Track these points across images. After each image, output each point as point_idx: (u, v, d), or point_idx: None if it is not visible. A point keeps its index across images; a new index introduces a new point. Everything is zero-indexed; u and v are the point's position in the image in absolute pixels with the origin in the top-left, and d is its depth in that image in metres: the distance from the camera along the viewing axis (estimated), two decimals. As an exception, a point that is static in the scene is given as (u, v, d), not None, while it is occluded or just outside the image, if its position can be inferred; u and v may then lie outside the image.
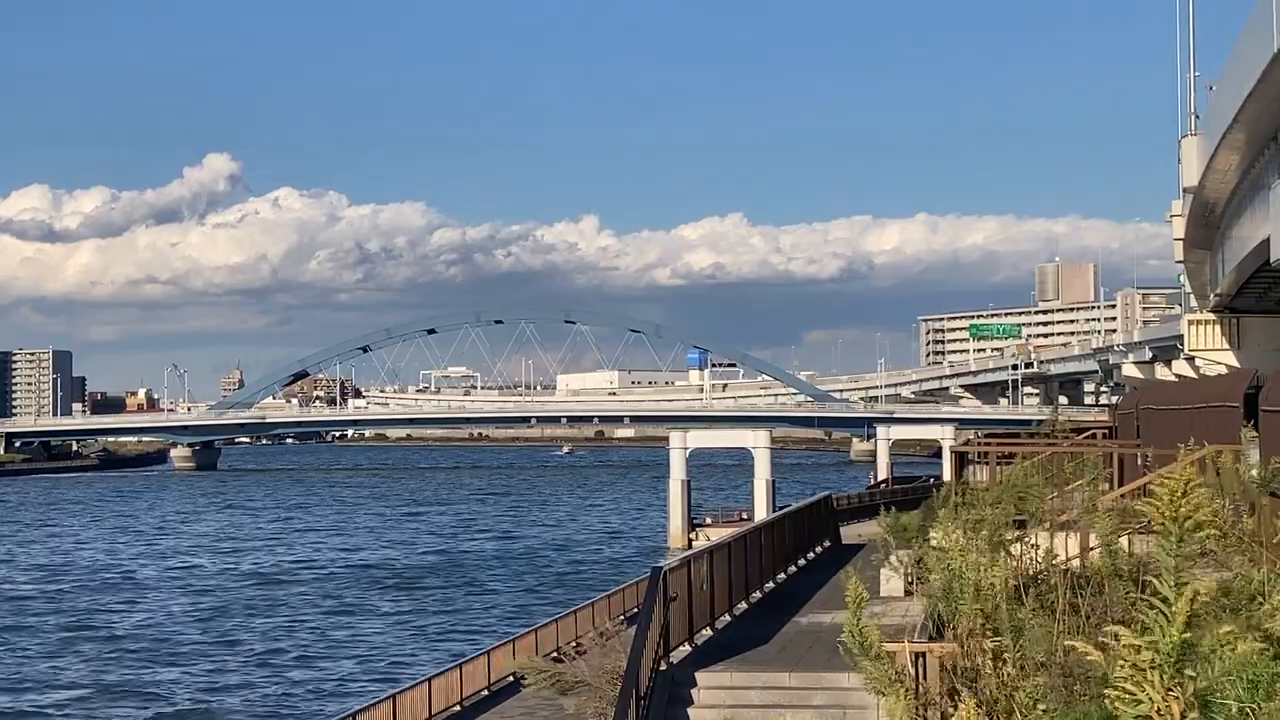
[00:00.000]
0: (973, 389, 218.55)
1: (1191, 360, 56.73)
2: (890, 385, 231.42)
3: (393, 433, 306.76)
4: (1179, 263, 58.06)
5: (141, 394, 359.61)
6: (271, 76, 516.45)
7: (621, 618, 30.55)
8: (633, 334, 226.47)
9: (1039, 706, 12.11)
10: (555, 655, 26.47)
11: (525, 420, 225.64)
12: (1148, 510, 7.01)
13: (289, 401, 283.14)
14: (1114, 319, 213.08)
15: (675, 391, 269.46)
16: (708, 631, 20.17)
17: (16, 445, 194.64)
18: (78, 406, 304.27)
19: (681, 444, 77.34)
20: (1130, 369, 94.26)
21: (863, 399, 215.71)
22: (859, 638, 13.18)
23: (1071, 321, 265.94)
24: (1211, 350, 53.19)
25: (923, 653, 14.32)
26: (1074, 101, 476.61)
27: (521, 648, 29.36)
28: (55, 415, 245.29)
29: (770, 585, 25.37)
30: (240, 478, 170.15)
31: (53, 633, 50.11)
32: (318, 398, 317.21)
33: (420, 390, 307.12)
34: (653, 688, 16.89)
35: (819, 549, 32.14)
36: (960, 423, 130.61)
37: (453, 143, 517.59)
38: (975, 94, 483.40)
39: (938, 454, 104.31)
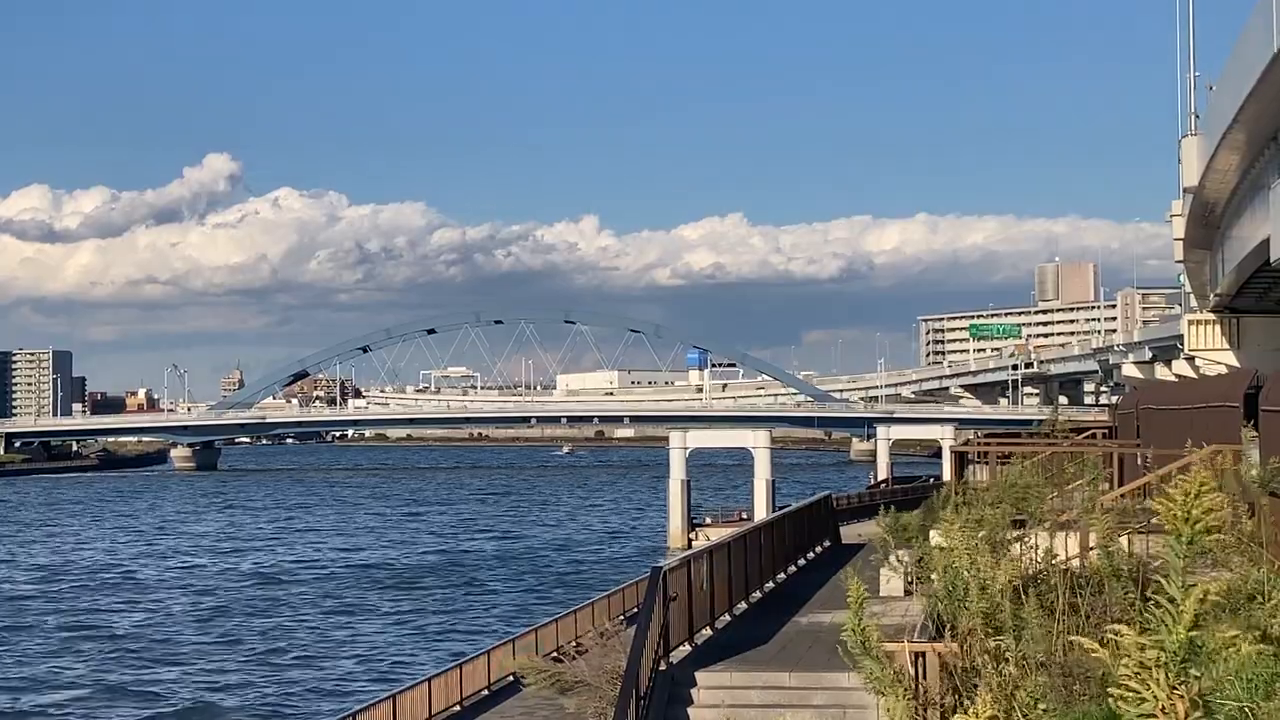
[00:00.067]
0: (973, 389, 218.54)
1: (1191, 360, 56.73)
2: (890, 385, 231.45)
3: (393, 433, 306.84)
4: (1179, 263, 58.04)
5: (141, 394, 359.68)
6: (271, 76, 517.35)
7: (621, 618, 30.55)
8: (632, 334, 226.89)
9: (1039, 706, 12.12)
10: (555, 655, 26.44)
11: (525, 420, 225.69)
12: (1160, 510, 7.00)
13: (289, 401, 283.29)
14: (1114, 319, 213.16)
15: (675, 391, 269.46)
16: (708, 631, 20.18)
17: (16, 445, 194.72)
18: (78, 407, 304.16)
19: (681, 444, 77.38)
20: (1130, 369, 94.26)
21: (863, 399, 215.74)
22: (860, 637, 13.18)
23: (1071, 321, 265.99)
24: (1211, 350, 53.18)
25: (923, 653, 14.33)
26: (1074, 101, 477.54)
27: (521, 647, 29.35)
28: (55, 415, 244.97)
29: (770, 585, 25.38)
30: (240, 478, 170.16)
31: (53, 633, 50.12)
32: (318, 398, 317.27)
33: (420, 390, 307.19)
34: (653, 687, 16.90)
35: (819, 549, 32.17)
36: (960, 423, 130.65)
37: (453, 143, 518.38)
38: (975, 94, 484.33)
39: (938, 454, 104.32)
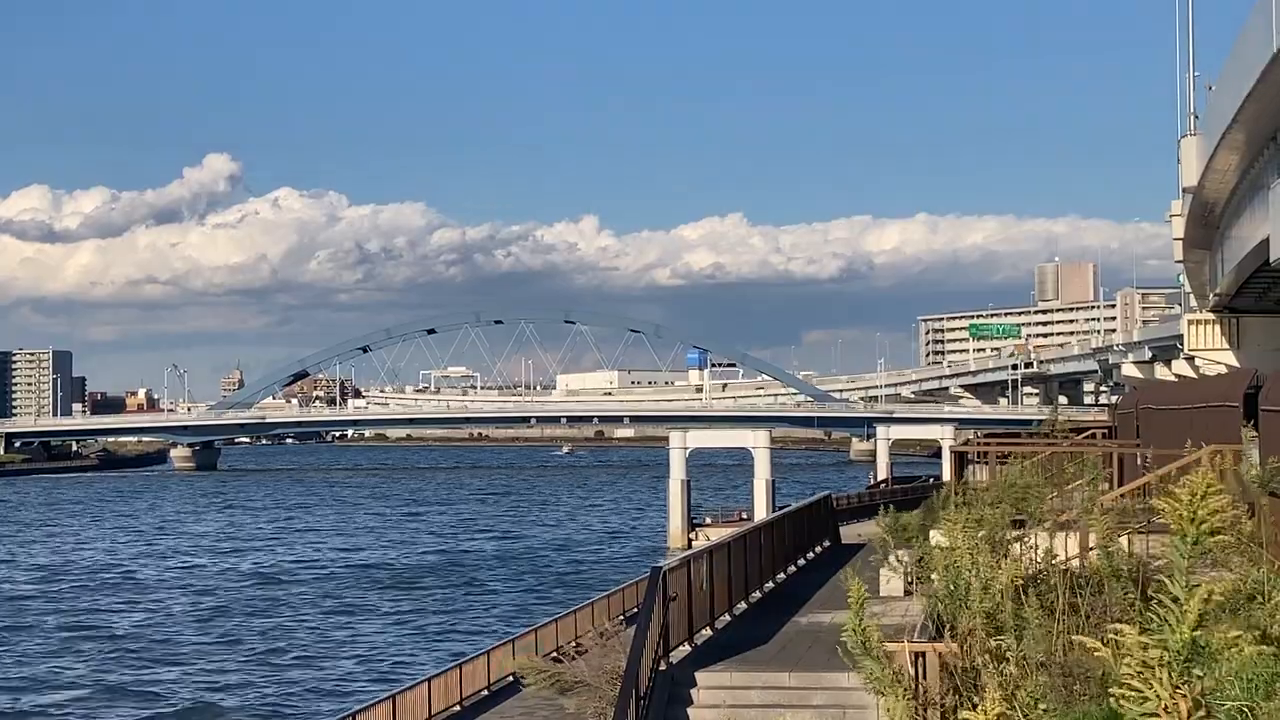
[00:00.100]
0: (972, 389, 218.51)
1: (1191, 360, 56.76)
2: (890, 385, 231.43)
3: (393, 433, 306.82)
4: (1178, 262, 58.08)
5: (141, 394, 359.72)
6: (271, 76, 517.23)
7: (621, 618, 30.55)
8: (632, 334, 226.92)
9: (1039, 706, 12.12)
10: (555, 655, 26.44)
11: (525, 420, 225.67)
12: (1166, 511, 7.00)
13: (289, 401, 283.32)
14: (1114, 319, 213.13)
15: (675, 391, 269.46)
16: (707, 631, 20.18)
17: (16, 445, 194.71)
18: (78, 407, 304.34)
19: (681, 444, 77.38)
20: (1130, 369, 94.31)
21: (862, 399, 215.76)
22: (860, 638, 13.19)
23: (1071, 321, 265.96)
24: (1211, 350, 53.21)
25: (923, 653, 14.33)
26: (1074, 101, 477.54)
27: (521, 648, 29.34)
28: (55, 415, 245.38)
29: (770, 585, 25.38)
30: (240, 478, 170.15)
31: (53, 633, 50.12)
32: (318, 398, 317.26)
33: (420, 390, 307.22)
34: (652, 688, 16.90)
35: (819, 549, 32.17)
36: (960, 423, 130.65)
37: (453, 143, 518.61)
38: (975, 94, 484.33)
39: (937, 454, 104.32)
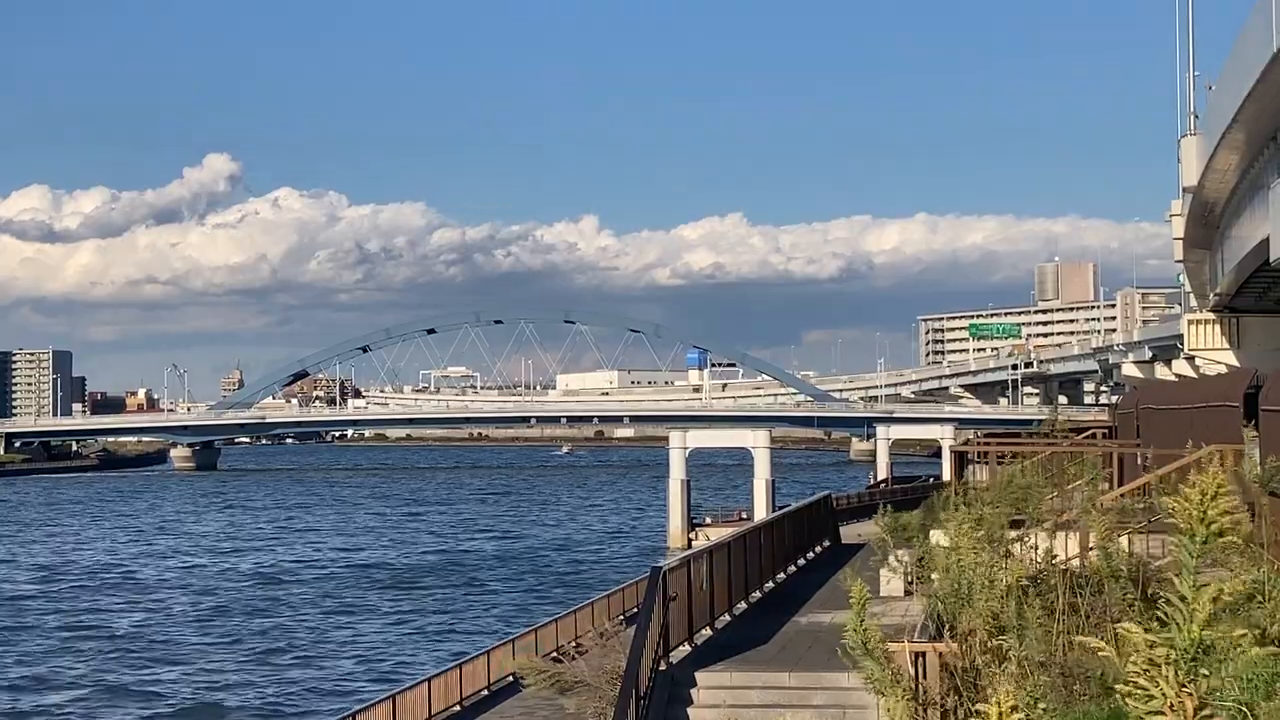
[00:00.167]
0: (972, 389, 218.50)
1: (1191, 360, 56.76)
2: (890, 385, 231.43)
3: (392, 433, 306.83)
4: (1178, 262, 58.09)
5: (141, 394, 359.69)
6: (271, 76, 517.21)
7: (621, 618, 30.54)
8: (632, 334, 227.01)
9: (1039, 706, 12.12)
10: (555, 655, 26.42)
11: (525, 420, 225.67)
12: (1175, 510, 6.99)
13: (289, 401, 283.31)
14: (1114, 319, 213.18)
15: (674, 391, 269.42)
16: (707, 631, 20.18)
17: (16, 445, 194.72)
18: (78, 406, 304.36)
19: (681, 444, 77.36)
20: (1130, 369, 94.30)
21: (862, 399, 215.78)
22: (861, 638, 13.18)
23: (1071, 321, 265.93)
24: (1211, 350, 53.21)
25: (923, 653, 14.33)
26: (1074, 101, 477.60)
27: (521, 648, 29.34)
28: (55, 415, 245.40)
29: (770, 585, 25.38)
30: (240, 478, 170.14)
31: (53, 633, 50.11)
32: (318, 398, 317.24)
33: (420, 390, 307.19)
34: (652, 687, 16.89)
35: (819, 549, 32.16)
36: (960, 422, 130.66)
37: (453, 143, 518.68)
38: (975, 93, 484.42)
39: (937, 454, 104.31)
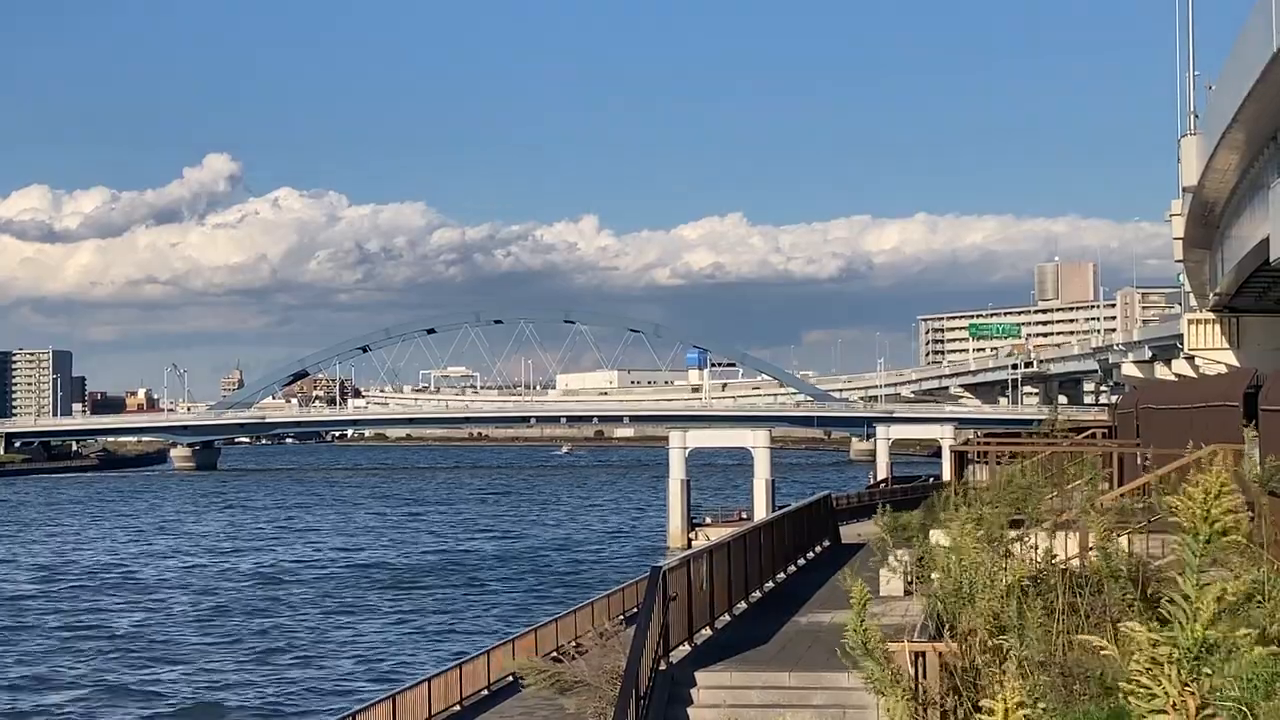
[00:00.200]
0: (972, 388, 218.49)
1: (1191, 359, 56.77)
2: (890, 385, 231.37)
3: (392, 433, 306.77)
4: (1178, 262, 58.12)
5: (141, 394, 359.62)
6: (271, 76, 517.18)
7: (621, 617, 30.54)
8: (632, 334, 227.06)
9: (1039, 706, 12.12)
10: (555, 655, 26.43)
11: (525, 420, 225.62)
12: (1179, 509, 6.99)
13: (289, 401, 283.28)
14: (1114, 318, 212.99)
15: (674, 391, 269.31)
16: (707, 631, 20.18)
17: (16, 445, 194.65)
18: (78, 406, 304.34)
19: (681, 444, 77.34)
20: (1130, 368, 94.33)
21: (862, 399, 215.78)
22: (862, 637, 13.19)
23: (1071, 321, 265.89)
24: (1211, 349, 53.23)
25: (923, 652, 14.34)
26: (1074, 101, 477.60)
27: (521, 648, 29.34)
28: (55, 415, 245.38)
29: (770, 585, 25.39)
30: (240, 478, 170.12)
31: (53, 633, 50.11)
32: (317, 398, 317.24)
33: (420, 390, 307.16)
34: (652, 687, 16.90)
35: (818, 549, 32.17)
36: (960, 422, 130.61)
37: (453, 143, 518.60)
38: (975, 93, 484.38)
39: (937, 454, 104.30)
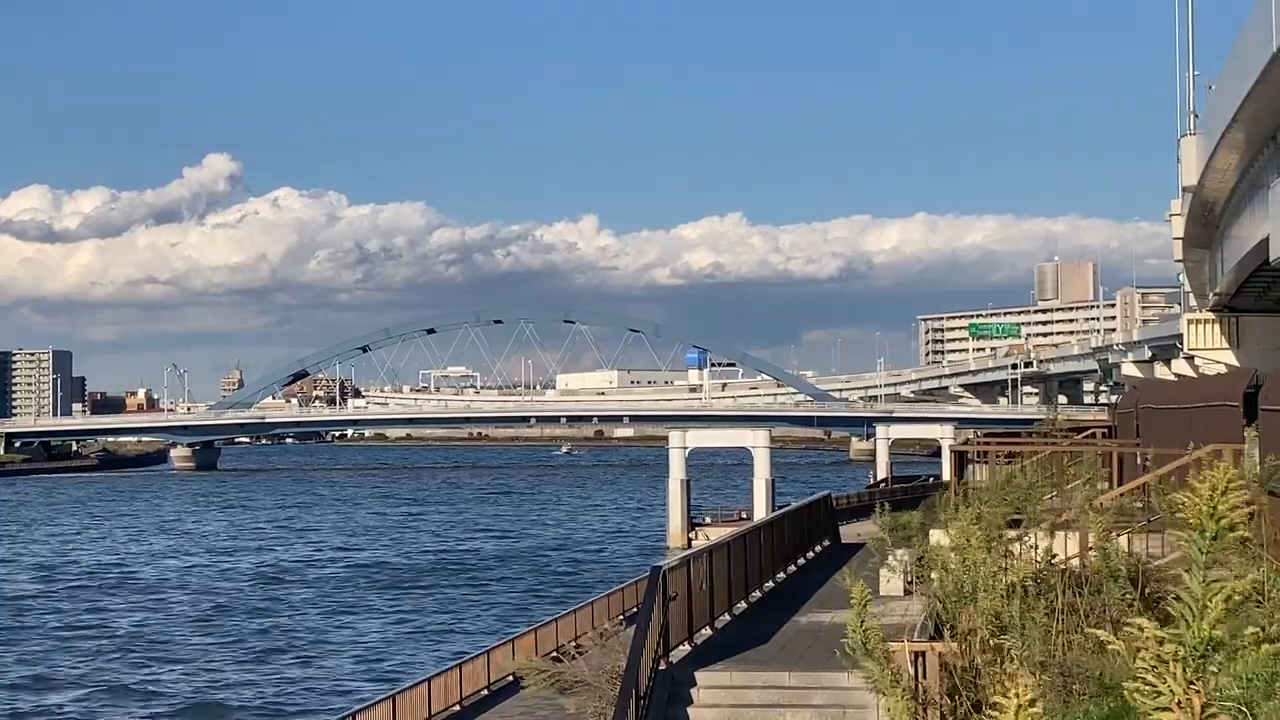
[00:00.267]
0: (972, 388, 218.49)
1: (1191, 359, 56.74)
2: (889, 385, 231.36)
3: (392, 433, 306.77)
4: (1178, 262, 58.11)
5: (141, 394, 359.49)
6: (271, 76, 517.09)
7: (621, 617, 30.55)
8: (632, 334, 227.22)
9: (1039, 705, 12.12)
10: (555, 655, 26.42)
11: (525, 420, 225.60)
12: (1185, 505, 6.99)
13: (289, 401, 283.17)
14: (1113, 318, 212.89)
15: (674, 391, 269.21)
16: (707, 631, 20.18)
17: (16, 445, 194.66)
18: (78, 406, 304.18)
19: (681, 443, 77.35)
20: (1129, 368, 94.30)
21: (862, 398, 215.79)
22: (861, 637, 13.20)
23: (1071, 321, 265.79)
24: (1211, 349, 53.21)
25: (923, 652, 14.35)
26: (1074, 101, 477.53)
27: (521, 647, 29.33)
28: (55, 415, 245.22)
29: (770, 585, 25.39)
30: (240, 478, 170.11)
31: (53, 633, 50.12)
32: (317, 398, 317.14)
33: (420, 390, 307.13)
34: (652, 687, 16.90)
35: (818, 548, 32.18)
36: (960, 422, 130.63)
37: (453, 143, 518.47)
38: (975, 93, 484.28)
39: (937, 453, 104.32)
